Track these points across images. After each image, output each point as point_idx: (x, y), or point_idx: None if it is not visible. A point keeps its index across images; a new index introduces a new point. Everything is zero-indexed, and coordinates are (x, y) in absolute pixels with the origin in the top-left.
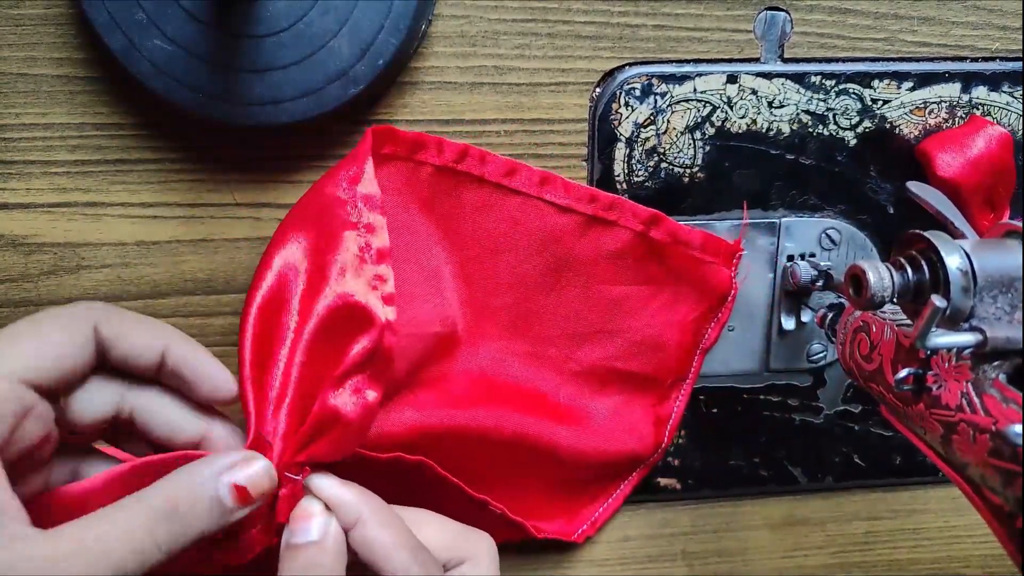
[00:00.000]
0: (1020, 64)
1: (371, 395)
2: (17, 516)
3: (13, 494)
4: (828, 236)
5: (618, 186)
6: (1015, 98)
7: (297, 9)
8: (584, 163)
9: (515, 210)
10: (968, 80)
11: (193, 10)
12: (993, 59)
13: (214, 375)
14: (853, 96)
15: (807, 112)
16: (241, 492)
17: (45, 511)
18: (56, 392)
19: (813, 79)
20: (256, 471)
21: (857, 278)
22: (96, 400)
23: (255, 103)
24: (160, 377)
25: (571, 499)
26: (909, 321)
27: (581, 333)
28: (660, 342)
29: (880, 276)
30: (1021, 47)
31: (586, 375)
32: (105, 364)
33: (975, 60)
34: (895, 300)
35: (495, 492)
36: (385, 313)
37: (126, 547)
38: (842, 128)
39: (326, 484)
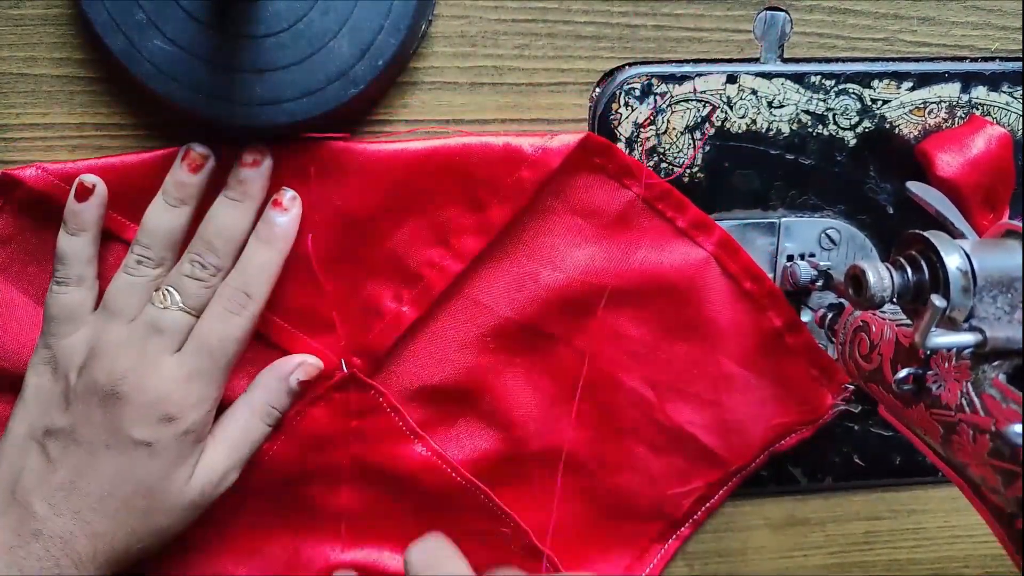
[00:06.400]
0: (1020, 64)
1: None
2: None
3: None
4: (828, 236)
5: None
6: (1015, 98)
7: (297, 9)
8: None
9: (697, 266)
10: (968, 80)
11: (193, 10)
12: (993, 59)
13: None
14: (853, 96)
15: (807, 112)
16: (303, 384)
17: None
18: None
19: (813, 79)
20: (311, 368)
21: (857, 278)
22: None
23: (255, 103)
24: None
25: (608, 544)
26: (909, 321)
27: (683, 390)
28: (743, 430)
29: (880, 276)
30: (1021, 47)
31: (666, 429)
32: None
33: (975, 60)
34: (895, 300)
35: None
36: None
37: (248, 441)
38: (842, 128)
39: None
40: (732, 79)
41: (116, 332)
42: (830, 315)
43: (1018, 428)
